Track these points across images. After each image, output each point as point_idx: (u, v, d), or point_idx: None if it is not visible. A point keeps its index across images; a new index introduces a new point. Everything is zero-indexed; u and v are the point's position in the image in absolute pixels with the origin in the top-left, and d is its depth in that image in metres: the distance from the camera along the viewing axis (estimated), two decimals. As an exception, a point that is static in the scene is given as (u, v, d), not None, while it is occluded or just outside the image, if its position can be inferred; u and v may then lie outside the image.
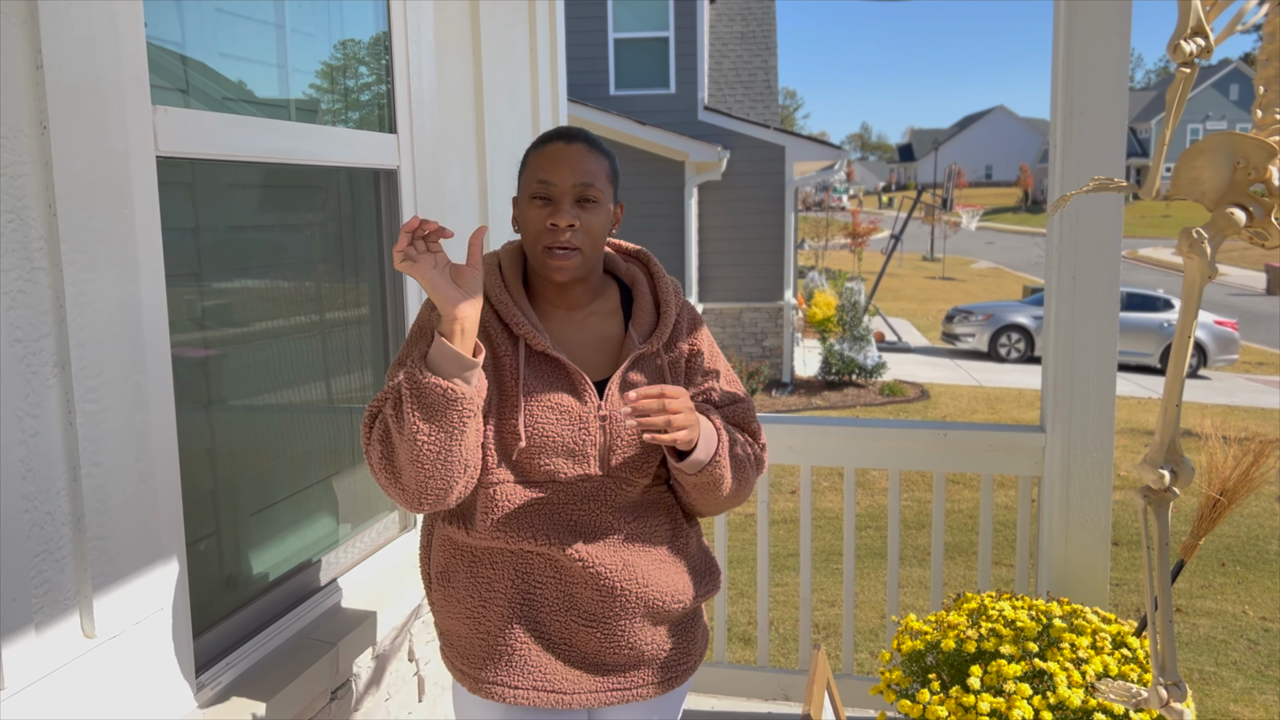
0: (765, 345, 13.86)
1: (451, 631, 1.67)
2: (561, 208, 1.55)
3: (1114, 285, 2.50)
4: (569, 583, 1.59)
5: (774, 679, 3.03)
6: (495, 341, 1.58)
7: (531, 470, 1.56)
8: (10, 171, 1.28)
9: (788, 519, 7.36)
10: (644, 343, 1.64)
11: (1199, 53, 1.32)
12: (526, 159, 1.63)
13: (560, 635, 1.61)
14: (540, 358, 1.59)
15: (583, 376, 1.58)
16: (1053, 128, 2.54)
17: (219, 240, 1.83)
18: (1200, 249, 1.30)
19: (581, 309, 1.67)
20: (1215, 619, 5.40)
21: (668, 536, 1.67)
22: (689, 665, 1.73)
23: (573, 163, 1.56)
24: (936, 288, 29.39)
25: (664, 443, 1.48)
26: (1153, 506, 1.40)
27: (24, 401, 1.30)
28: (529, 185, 1.59)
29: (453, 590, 1.64)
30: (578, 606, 1.60)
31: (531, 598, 1.60)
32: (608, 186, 1.61)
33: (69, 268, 1.35)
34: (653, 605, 1.63)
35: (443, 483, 1.45)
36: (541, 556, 1.59)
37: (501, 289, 1.61)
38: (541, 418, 1.55)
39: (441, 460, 1.43)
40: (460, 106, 2.62)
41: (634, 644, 1.63)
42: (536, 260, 1.59)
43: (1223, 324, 15.75)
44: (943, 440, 2.80)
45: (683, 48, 13.29)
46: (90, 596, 1.41)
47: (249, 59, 1.92)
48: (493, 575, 1.61)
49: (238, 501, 1.88)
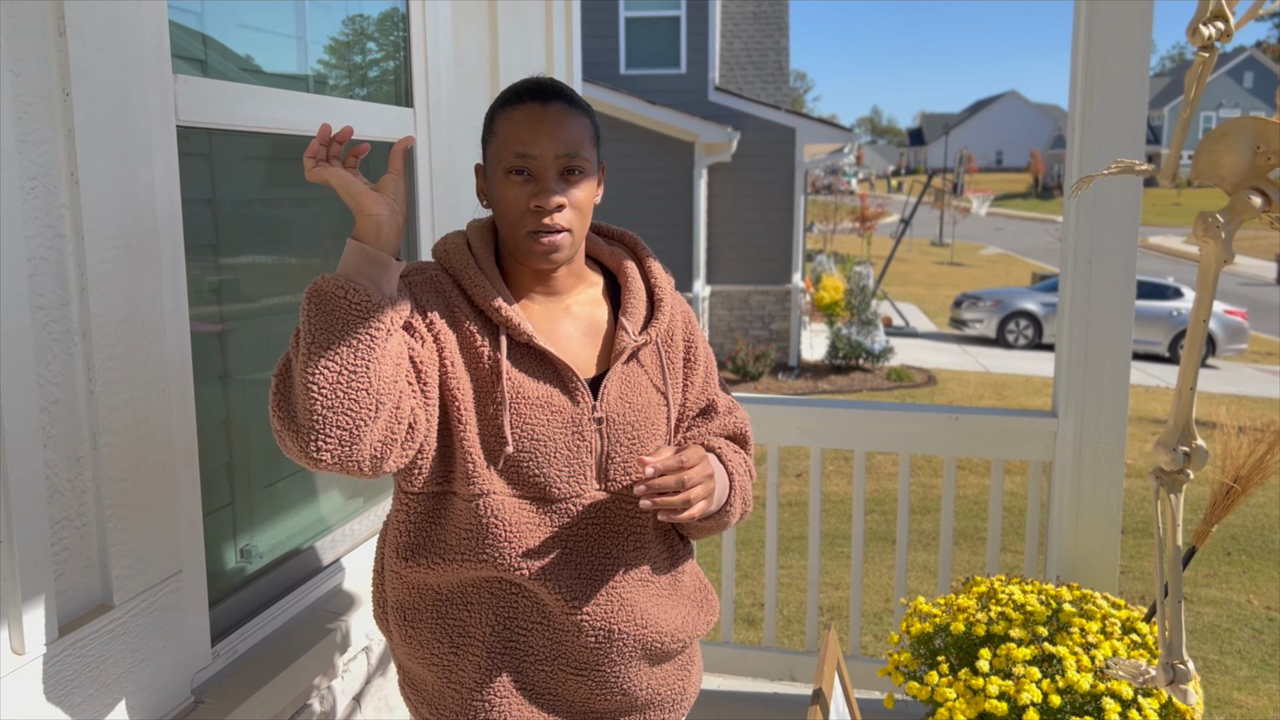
0: (772, 328, 13.85)
1: (414, 674, 1.46)
2: (546, 184, 1.33)
3: (1130, 271, 2.49)
4: (557, 629, 1.39)
5: (780, 659, 3.04)
6: (468, 331, 1.36)
7: (521, 481, 1.36)
8: (33, 138, 1.28)
9: (794, 502, 7.38)
10: (639, 334, 1.44)
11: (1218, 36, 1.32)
12: (494, 122, 1.39)
13: (545, 685, 1.41)
14: (523, 350, 1.37)
15: (573, 372, 1.37)
16: (1071, 110, 2.52)
17: (236, 213, 1.83)
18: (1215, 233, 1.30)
19: (565, 295, 1.45)
20: (1220, 607, 5.41)
21: (666, 565, 1.48)
22: (685, 704, 1.56)
23: (553, 129, 1.33)
24: (945, 273, 29.31)
25: (679, 521, 1.31)
26: (1165, 488, 1.40)
27: (45, 369, 1.31)
28: (502, 157, 1.35)
29: (416, 632, 1.42)
30: (566, 655, 1.40)
31: (513, 646, 1.40)
32: (593, 151, 1.39)
33: (90, 235, 1.36)
34: (651, 647, 1.44)
35: (346, 418, 1.16)
36: (527, 597, 1.39)
37: (475, 271, 1.38)
38: (531, 419, 1.35)
39: (344, 385, 1.15)
40: (475, 81, 2.61)
41: (627, 690, 1.44)
42: (518, 245, 1.37)
43: (1232, 313, 15.68)
44: (954, 424, 2.79)
45: (694, 27, 13.21)
46: (109, 564, 1.42)
47: (267, 30, 1.92)
48: (466, 618, 1.40)
49: (252, 473, 1.89)
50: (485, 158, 1.41)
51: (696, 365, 1.52)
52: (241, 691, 1.65)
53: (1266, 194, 1.29)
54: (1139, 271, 2.52)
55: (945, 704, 1.91)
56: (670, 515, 1.29)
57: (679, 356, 1.50)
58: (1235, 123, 1.27)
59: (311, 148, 1.21)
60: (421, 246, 2.35)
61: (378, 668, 2.12)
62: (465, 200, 2.55)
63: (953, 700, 1.91)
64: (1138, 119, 2.43)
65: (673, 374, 1.49)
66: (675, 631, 1.47)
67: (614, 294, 1.50)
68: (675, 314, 1.51)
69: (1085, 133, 2.46)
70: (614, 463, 1.40)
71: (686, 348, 1.52)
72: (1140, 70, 2.41)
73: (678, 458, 1.29)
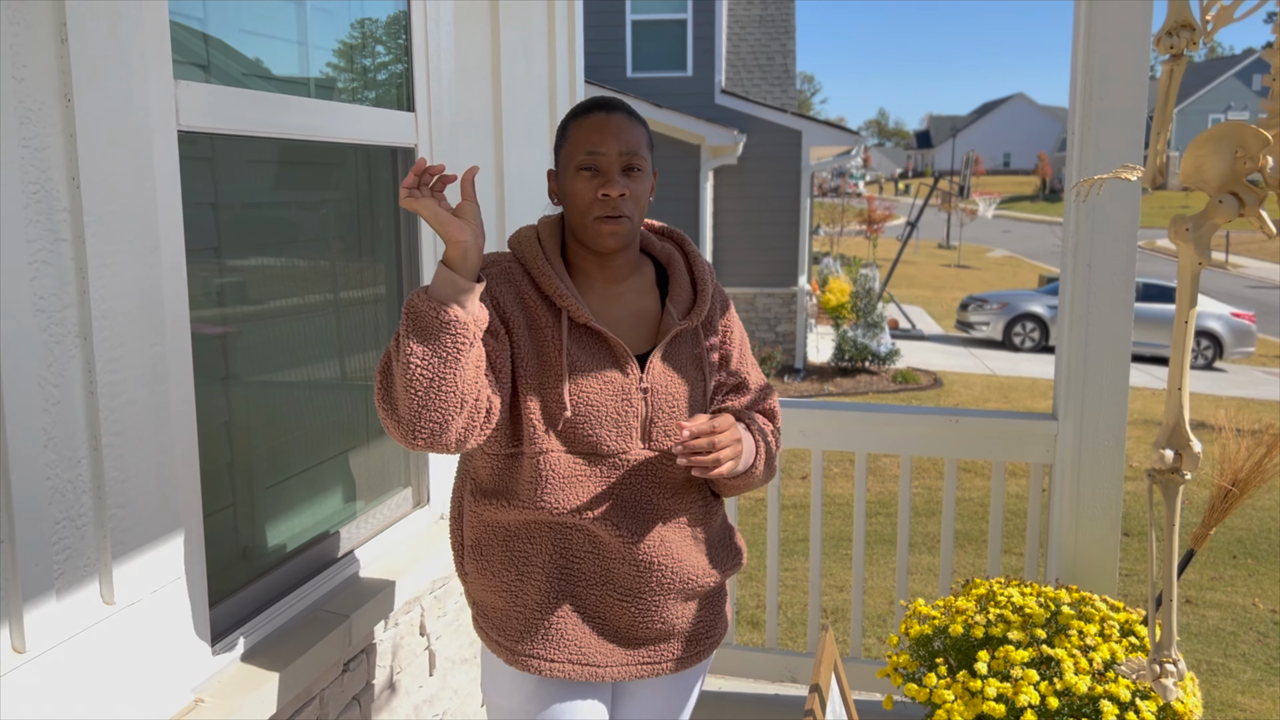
0: (779, 331, 13.84)
1: (485, 603, 1.71)
2: (611, 177, 1.58)
3: (1130, 274, 2.50)
4: (607, 558, 1.64)
5: (782, 661, 3.05)
6: (535, 313, 1.61)
7: (576, 441, 1.60)
8: (35, 144, 1.29)
9: (797, 504, 7.38)
10: (683, 319, 1.68)
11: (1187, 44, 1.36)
12: (566, 130, 1.65)
13: (595, 609, 1.65)
14: (582, 330, 1.62)
15: (625, 349, 1.62)
16: (1071, 112, 2.53)
17: (238, 216, 1.85)
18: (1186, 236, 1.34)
19: (620, 283, 1.70)
20: (1225, 611, 5.39)
21: (700, 514, 1.71)
22: (714, 640, 1.79)
23: (617, 132, 1.60)
24: (952, 275, 29.26)
25: (711, 477, 1.57)
26: (1160, 487, 1.42)
27: (46, 371, 1.32)
28: (574, 156, 1.61)
29: (487, 563, 1.68)
30: (614, 581, 1.64)
31: (569, 572, 1.64)
32: (648, 154, 1.65)
33: (92, 240, 1.37)
34: (685, 581, 1.67)
35: (438, 414, 1.41)
36: (581, 531, 1.63)
37: (543, 262, 1.63)
38: (586, 388, 1.59)
39: (435, 389, 1.40)
40: (478, 85, 2.62)
41: (665, 618, 1.67)
42: (586, 231, 1.61)
43: (1240, 316, 15.63)
44: (955, 426, 2.80)
45: (700, 30, 13.22)
46: (110, 564, 1.43)
47: (269, 35, 1.93)
48: (530, 550, 1.64)
49: (254, 475, 1.90)
50: (558, 162, 1.67)
51: (731, 346, 1.78)
52: (242, 691, 1.66)
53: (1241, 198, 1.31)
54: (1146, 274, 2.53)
55: (943, 706, 1.92)
56: (703, 471, 1.54)
57: (716, 338, 1.75)
58: (1219, 128, 1.31)
59: (408, 179, 1.39)
60: (423, 246, 2.36)
61: (378, 668, 2.13)
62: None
63: (951, 702, 1.92)
64: (1137, 121, 2.43)
65: (710, 353, 1.73)
66: (705, 569, 1.71)
67: (662, 283, 1.75)
68: (714, 302, 1.76)
69: (1085, 135, 2.46)
70: (656, 426, 1.64)
71: (723, 331, 1.77)
72: (1140, 72, 2.41)
73: (711, 423, 1.53)
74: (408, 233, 2.35)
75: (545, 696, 1.67)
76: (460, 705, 2.54)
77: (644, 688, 1.78)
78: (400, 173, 2.32)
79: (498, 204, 2.74)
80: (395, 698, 2.21)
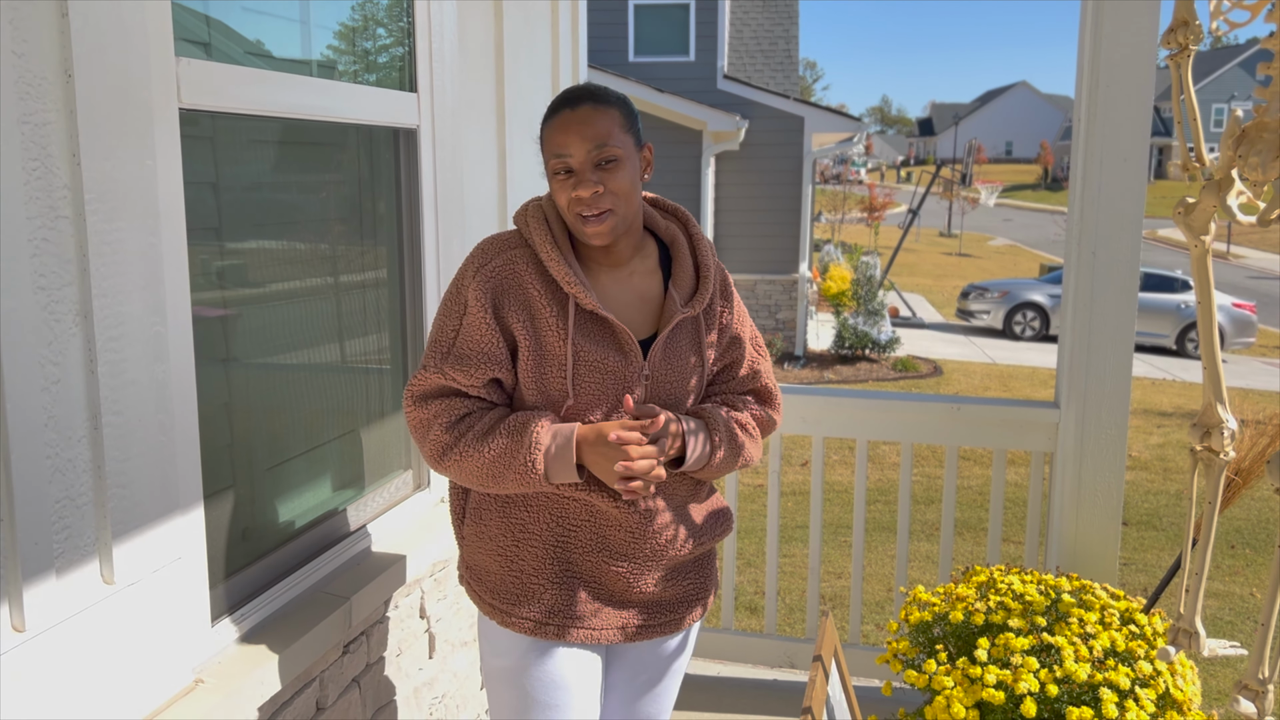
0: (779, 318, 13.83)
1: (481, 566, 1.75)
2: (583, 178, 1.57)
3: (1134, 262, 2.49)
4: (602, 524, 1.69)
5: (780, 646, 3.05)
6: (539, 303, 1.62)
7: (575, 421, 1.64)
8: (35, 119, 1.28)
9: (796, 491, 7.38)
10: (686, 306, 1.70)
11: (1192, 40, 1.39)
12: (542, 133, 1.64)
13: (590, 573, 1.70)
14: (588, 316, 1.63)
15: (630, 336, 1.64)
16: (1077, 101, 2.51)
17: (239, 197, 1.84)
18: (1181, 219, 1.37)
19: (625, 265, 1.71)
20: (1223, 600, 5.40)
21: (690, 483, 1.78)
22: (704, 601, 1.84)
23: (581, 129, 1.57)
24: (953, 264, 29.23)
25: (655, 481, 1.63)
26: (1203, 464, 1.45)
27: (46, 349, 1.31)
28: (549, 161, 1.62)
29: (485, 528, 1.73)
30: (609, 546, 1.69)
31: (565, 539, 1.69)
32: (625, 137, 1.60)
33: (92, 217, 1.36)
34: (679, 545, 1.74)
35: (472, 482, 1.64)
36: (578, 500, 1.67)
37: (551, 245, 1.63)
38: (590, 376, 1.63)
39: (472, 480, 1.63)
40: (481, 66, 2.60)
41: (658, 581, 1.74)
42: (574, 228, 1.63)
43: (1240, 306, 15.62)
44: (956, 414, 2.79)
45: (703, 15, 13.17)
46: (110, 544, 1.42)
47: (271, 14, 1.91)
48: (527, 518, 1.70)
49: (254, 456, 1.90)
50: (543, 162, 1.66)
51: (728, 337, 1.79)
52: (241, 672, 1.66)
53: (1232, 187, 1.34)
54: (1147, 264, 2.53)
55: (943, 692, 1.92)
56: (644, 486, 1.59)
57: (715, 324, 1.77)
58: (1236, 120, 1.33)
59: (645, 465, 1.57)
60: (425, 237, 2.35)
61: (377, 650, 2.13)
62: (469, 186, 2.55)
63: (950, 689, 1.92)
64: (1144, 110, 2.42)
65: (708, 341, 1.76)
66: (697, 534, 1.77)
67: (666, 263, 1.76)
68: (715, 287, 1.77)
69: (1091, 124, 2.45)
70: None
71: (723, 320, 1.78)
72: (1147, 61, 2.39)
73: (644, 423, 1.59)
74: (409, 215, 2.34)
75: (539, 657, 1.70)
76: (459, 688, 2.54)
77: (636, 649, 1.82)
78: (402, 154, 2.31)
79: (500, 187, 2.73)
80: (395, 680, 2.21)
